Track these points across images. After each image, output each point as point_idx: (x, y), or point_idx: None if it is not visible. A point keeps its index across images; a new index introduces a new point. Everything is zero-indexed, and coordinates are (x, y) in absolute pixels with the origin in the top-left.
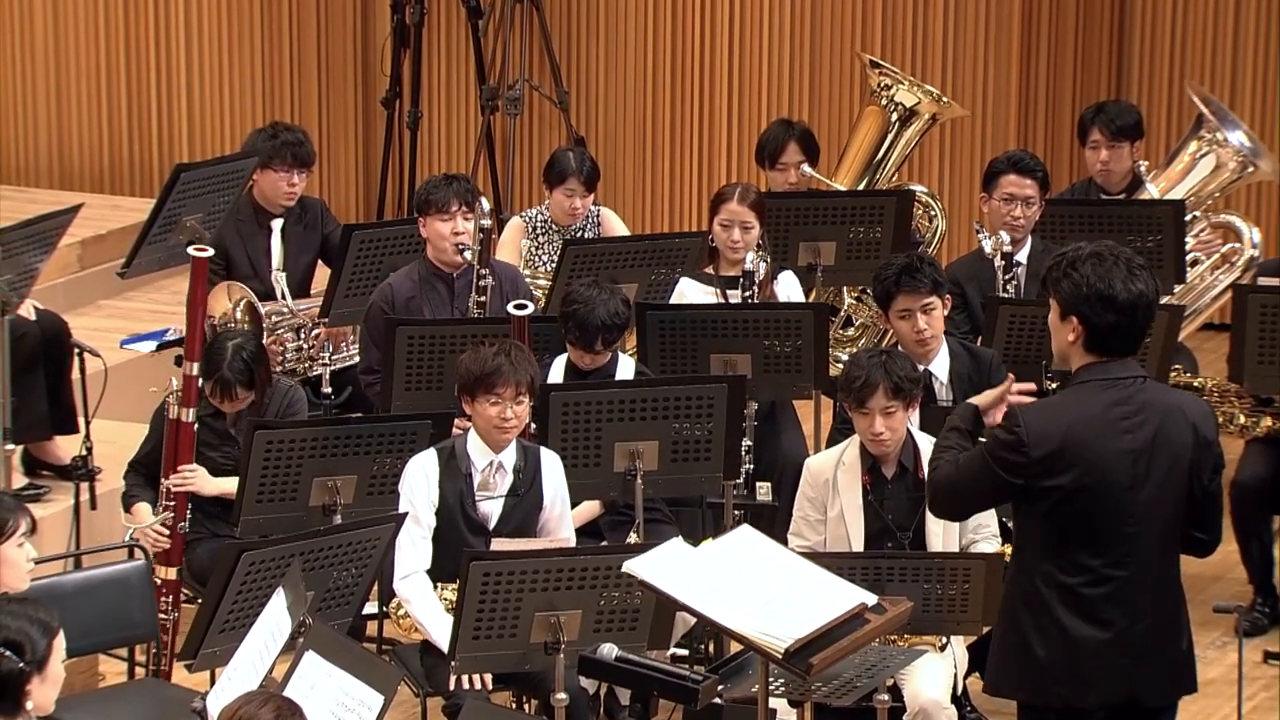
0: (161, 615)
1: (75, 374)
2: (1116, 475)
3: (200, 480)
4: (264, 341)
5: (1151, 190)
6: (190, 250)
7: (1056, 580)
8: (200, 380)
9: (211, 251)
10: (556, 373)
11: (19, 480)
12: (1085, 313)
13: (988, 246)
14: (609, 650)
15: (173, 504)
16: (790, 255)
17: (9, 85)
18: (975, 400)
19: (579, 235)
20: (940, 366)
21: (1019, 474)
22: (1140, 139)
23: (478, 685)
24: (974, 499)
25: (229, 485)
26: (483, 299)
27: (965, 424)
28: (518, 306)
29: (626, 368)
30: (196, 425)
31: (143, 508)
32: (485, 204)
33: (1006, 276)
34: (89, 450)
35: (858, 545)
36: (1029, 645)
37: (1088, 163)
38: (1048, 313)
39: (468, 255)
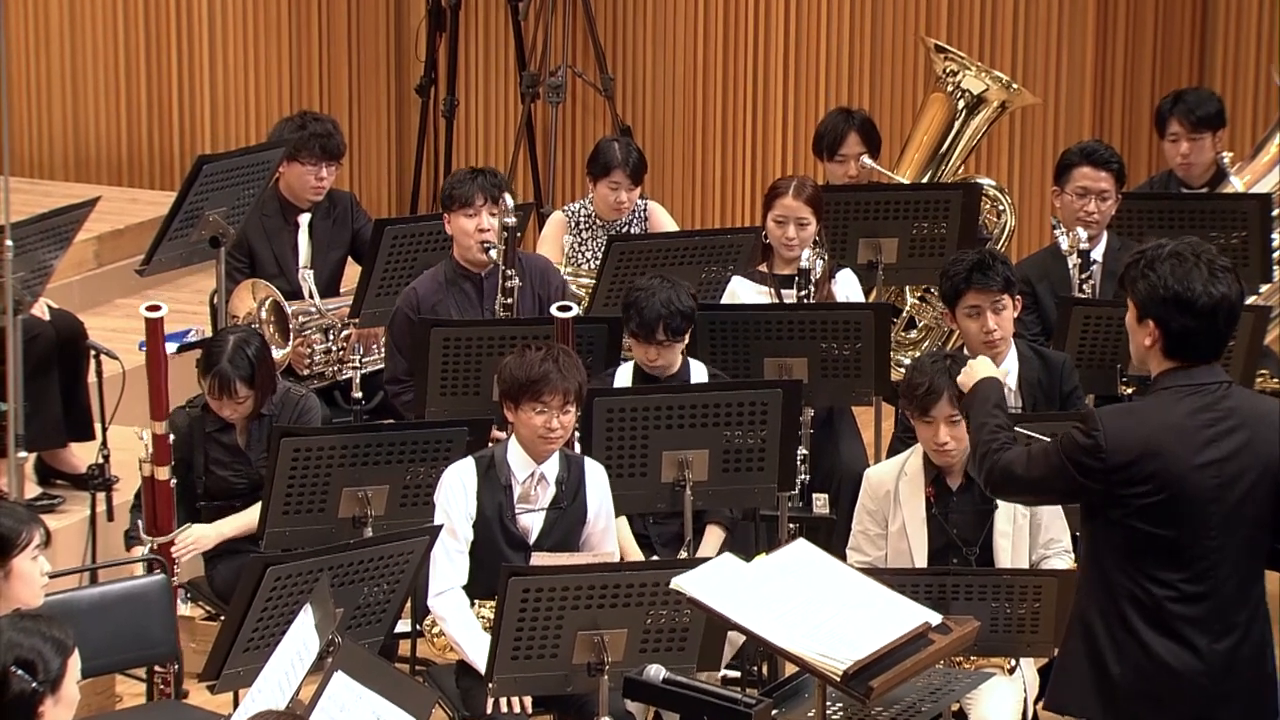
0: (163, 679)
1: (91, 377)
2: (1199, 487)
3: (199, 541)
4: (291, 343)
5: (1236, 184)
6: (143, 311)
7: (1134, 594)
8: (199, 378)
9: (166, 310)
10: (623, 382)
11: (32, 490)
12: (1162, 316)
13: (1064, 243)
14: (656, 672)
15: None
16: (849, 252)
17: (22, 71)
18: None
19: (624, 231)
20: (1009, 371)
21: (1095, 479)
22: (1222, 129)
23: (516, 708)
24: (1044, 494)
25: (229, 527)
26: (509, 300)
27: (999, 396)
28: (561, 308)
29: (700, 375)
30: (206, 442)
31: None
32: (510, 200)
33: (1083, 275)
34: (106, 458)
35: (921, 561)
36: (1103, 662)
37: (1167, 156)
38: (1124, 314)
39: (493, 254)
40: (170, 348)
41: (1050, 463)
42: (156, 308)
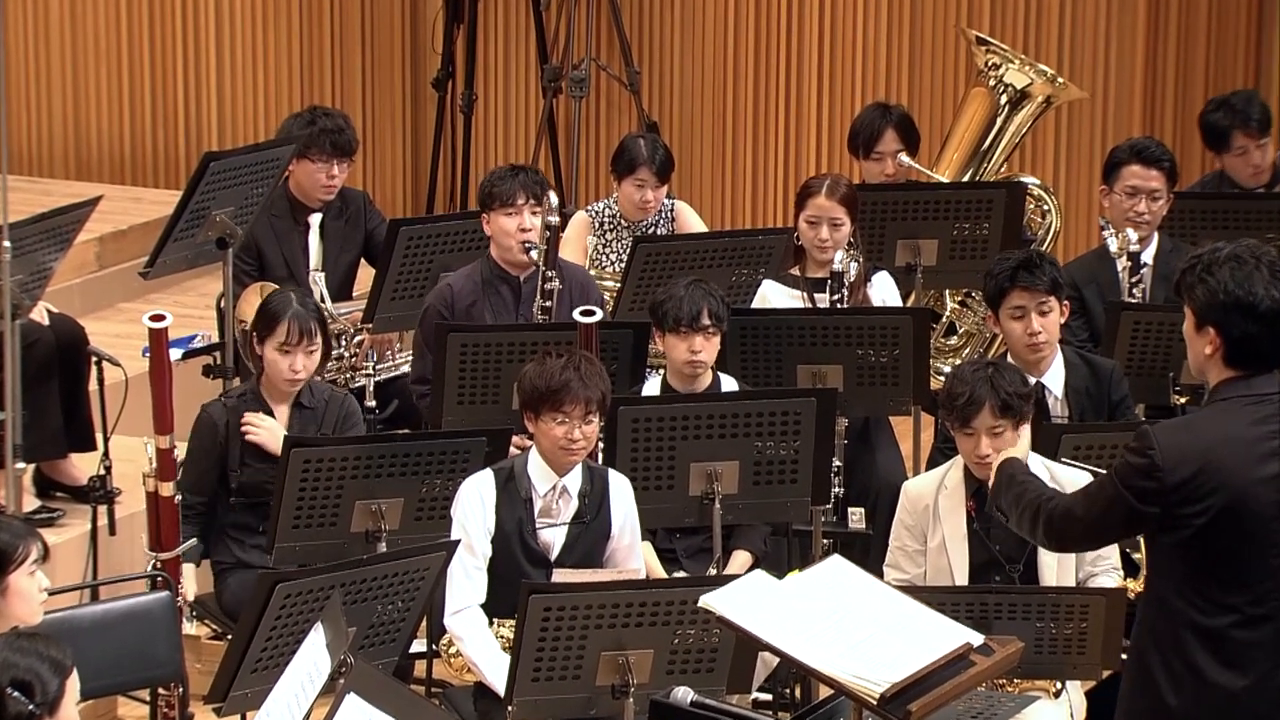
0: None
1: (93, 385)
2: (1260, 502)
3: (274, 432)
4: None
5: None
6: (146, 321)
7: (1192, 619)
8: (250, 351)
9: (170, 320)
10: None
11: (30, 502)
12: (1222, 322)
13: (1113, 245)
14: (684, 694)
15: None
16: (886, 254)
17: (21, 65)
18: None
19: (651, 231)
20: (1054, 379)
21: (1154, 502)
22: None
23: None
24: (1106, 531)
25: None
26: (548, 304)
27: (1025, 466)
28: (585, 313)
29: (731, 389)
30: (243, 435)
31: (187, 570)
32: (554, 198)
33: (1133, 279)
34: (107, 470)
35: (961, 579)
36: (1157, 689)
37: (1231, 169)
38: (1176, 319)
39: (534, 255)
40: (175, 354)
41: (1107, 494)
42: (160, 317)
